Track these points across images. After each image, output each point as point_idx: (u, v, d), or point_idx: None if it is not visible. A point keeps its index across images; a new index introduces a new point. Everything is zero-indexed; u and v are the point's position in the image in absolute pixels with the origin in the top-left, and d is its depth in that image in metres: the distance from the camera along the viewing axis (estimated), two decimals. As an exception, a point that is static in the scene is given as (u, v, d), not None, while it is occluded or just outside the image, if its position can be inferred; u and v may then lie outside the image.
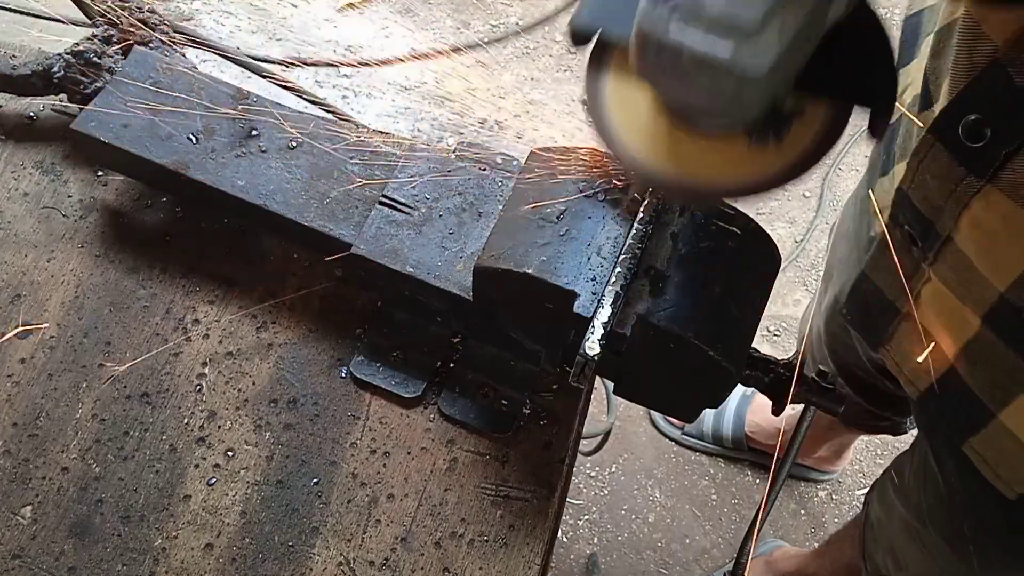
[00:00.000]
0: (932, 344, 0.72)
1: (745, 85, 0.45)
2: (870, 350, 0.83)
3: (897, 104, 0.77)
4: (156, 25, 0.88)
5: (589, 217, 0.68)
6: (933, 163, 0.65)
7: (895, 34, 0.57)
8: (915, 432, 1.02)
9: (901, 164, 0.72)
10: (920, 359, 0.73)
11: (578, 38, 0.56)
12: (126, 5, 0.87)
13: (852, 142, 2.13)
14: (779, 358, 0.73)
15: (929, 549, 0.90)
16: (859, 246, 0.93)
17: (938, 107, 0.65)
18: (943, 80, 0.64)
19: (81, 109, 0.82)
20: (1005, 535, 0.78)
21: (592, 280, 0.65)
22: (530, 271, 0.65)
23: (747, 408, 1.77)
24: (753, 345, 0.69)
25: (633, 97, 0.57)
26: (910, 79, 0.76)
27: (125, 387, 0.79)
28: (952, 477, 0.81)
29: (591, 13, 0.56)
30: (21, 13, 0.92)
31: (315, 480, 0.77)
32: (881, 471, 1.82)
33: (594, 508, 1.75)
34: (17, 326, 0.81)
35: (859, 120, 0.54)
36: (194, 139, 0.81)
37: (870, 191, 0.82)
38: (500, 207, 0.76)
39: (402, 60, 1.05)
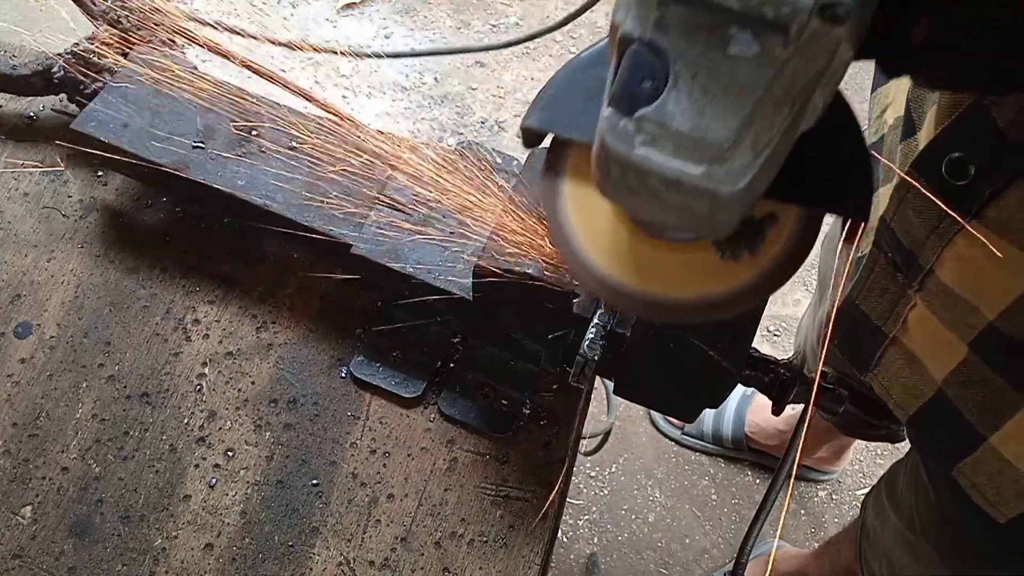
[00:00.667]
0: (919, 369, 0.72)
1: (718, 205, 0.41)
2: (858, 374, 0.82)
3: (879, 125, 0.76)
4: (156, 25, 0.88)
5: None
6: (916, 199, 0.64)
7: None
8: (912, 439, 1.02)
9: (885, 187, 0.72)
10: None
11: (530, 139, 0.52)
12: (126, 5, 0.87)
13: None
14: (779, 358, 0.73)
15: (922, 559, 0.90)
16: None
17: (921, 135, 0.64)
18: (927, 109, 0.64)
19: (81, 109, 0.82)
20: (996, 555, 0.78)
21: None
22: (530, 271, 0.65)
23: (747, 408, 1.77)
24: (753, 345, 0.69)
25: (593, 201, 0.52)
26: (890, 98, 0.75)
27: (125, 387, 0.79)
28: (943, 495, 0.81)
29: (545, 112, 0.51)
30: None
31: (315, 480, 0.77)
32: (881, 471, 1.82)
33: (594, 508, 1.75)
34: (17, 326, 0.81)
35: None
36: (194, 139, 0.81)
37: None
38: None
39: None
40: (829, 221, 2.08)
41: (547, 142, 0.53)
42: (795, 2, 0.35)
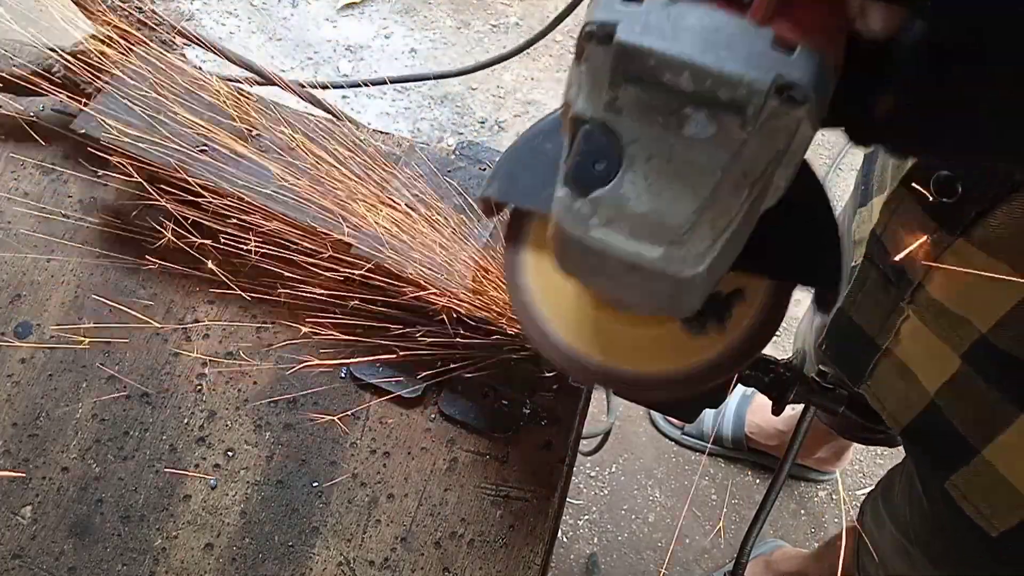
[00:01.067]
0: (912, 378, 0.72)
1: (679, 287, 0.40)
2: (851, 386, 0.82)
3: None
4: (156, 25, 0.88)
5: None
6: (905, 215, 0.65)
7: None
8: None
9: (879, 198, 0.72)
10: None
11: (489, 209, 0.51)
12: (126, 5, 0.87)
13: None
14: (779, 358, 0.73)
15: (916, 567, 0.90)
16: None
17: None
18: None
19: (81, 109, 0.82)
20: (989, 566, 0.78)
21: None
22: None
23: (747, 408, 1.77)
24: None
25: (554, 274, 0.49)
26: None
27: (125, 387, 0.79)
28: (937, 506, 0.80)
29: (504, 182, 0.50)
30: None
31: (315, 480, 0.77)
32: (881, 471, 1.82)
33: (594, 508, 1.75)
34: (17, 326, 0.81)
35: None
36: (194, 139, 0.81)
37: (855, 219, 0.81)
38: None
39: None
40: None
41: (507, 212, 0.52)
42: (750, 84, 0.34)
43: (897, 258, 0.66)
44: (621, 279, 0.40)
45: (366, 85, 0.92)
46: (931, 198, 0.61)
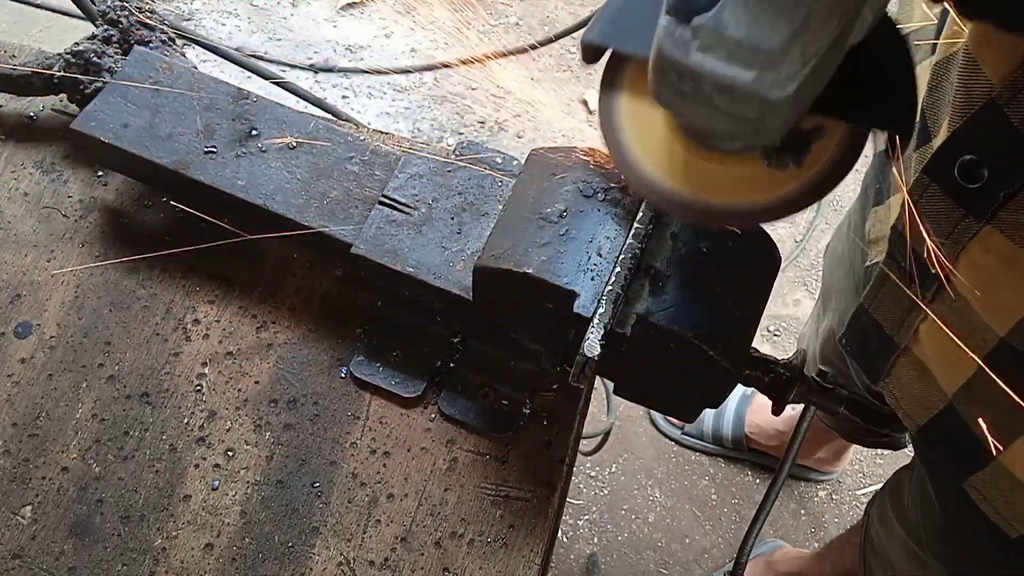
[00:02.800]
0: (928, 378, 0.72)
1: (767, 111, 0.43)
2: (869, 383, 0.82)
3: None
4: (156, 25, 0.88)
5: (589, 217, 0.68)
6: (929, 204, 0.64)
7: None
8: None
9: (896, 196, 0.71)
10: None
11: (590, 54, 0.54)
12: (126, 5, 0.87)
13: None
14: (779, 358, 0.73)
15: (928, 571, 0.90)
16: (854, 273, 0.92)
17: (936, 142, 0.64)
18: (942, 117, 0.63)
19: (81, 109, 0.82)
20: (1006, 571, 0.78)
21: (592, 280, 0.65)
22: (530, 271, 0.65)
23: (747, 408, 1.77)
24: (753, 345, 0.69)
25: (647, 115, 0.55)
26: None
27: (125, 387, 0.79)
28: (950, 508, 0.80)
29: (605, 27, 0.54)
30: (25, 3, 0.92)
31: (315, 480, 0.77)
32: (882, 471, 1.82)
33: (594, 508, 1.75)
34: (17, 326, 0.81)
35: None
36: (194, 139, 0.81)
37: (866, 219, 0.81)
38: (500, 207, 0.76)
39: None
40: (828, 218, 2.07)
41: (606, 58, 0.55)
42: None
43: (922, 251, 0.66)
44: (714, 103, 0.44)
45: (372, 73, 0.92)
46: (957, 183, 0.60)
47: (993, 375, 0.63)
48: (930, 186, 0.63)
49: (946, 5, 0.52)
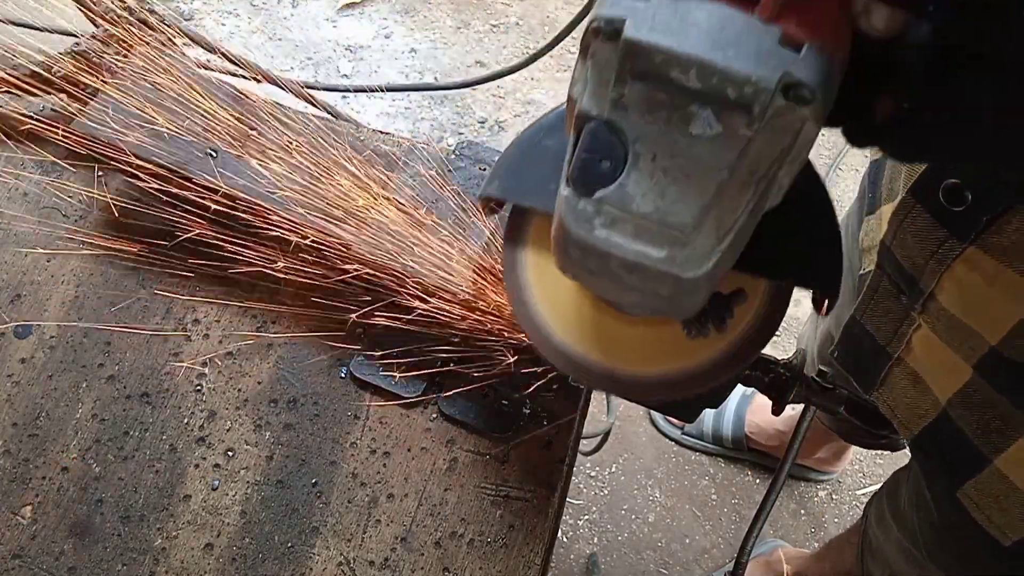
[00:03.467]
0: (924, 387, 0.72)
1: (681, 289, 0.40)
2: (863, 393, 0.82)
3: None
4: (156, 25, 0.88)
5: None
6: (914, 224, 0.64)
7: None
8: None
9: (887, 206, 0.71)
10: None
11: (490, 208, 0.51)
12: (126, 5, 0.87)
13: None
14: (779, 358, 0.73)
15: (925, 572, 0.90)
16: (852, 277, 0.92)
17: (924, 165, 0.64)
18: None
19: (81, 109, 0.82)
20: (1000, 572, 0.78)
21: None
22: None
23: (747, 408, 1.77)
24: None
25: (555, 272, 0.49)
26: None
27: (125, 387, 0.79)
28: (947, 513, 0.80)
29: (505, 180, 0.50)
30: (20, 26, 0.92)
31: (315, 480, 0.77)
32: (881, 471, 1.82)
33: (594, 508, 1.75)
34: (17, 326, 0.81)
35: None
36: (194, 139, 0.81)
37: (860, 226, 0.81)
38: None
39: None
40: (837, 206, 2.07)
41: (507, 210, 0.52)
42: (757, 82, 0.34)
43: (907, 268, 0.66)
44: (623, 280, 0.40)
45: (368, 91, 0.92)
46: (941, 205, 0.60)
47: (985, 382, 0.63)
48: (915, 207, 0.63)
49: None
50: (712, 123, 0.36)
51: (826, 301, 0.48)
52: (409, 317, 0.76)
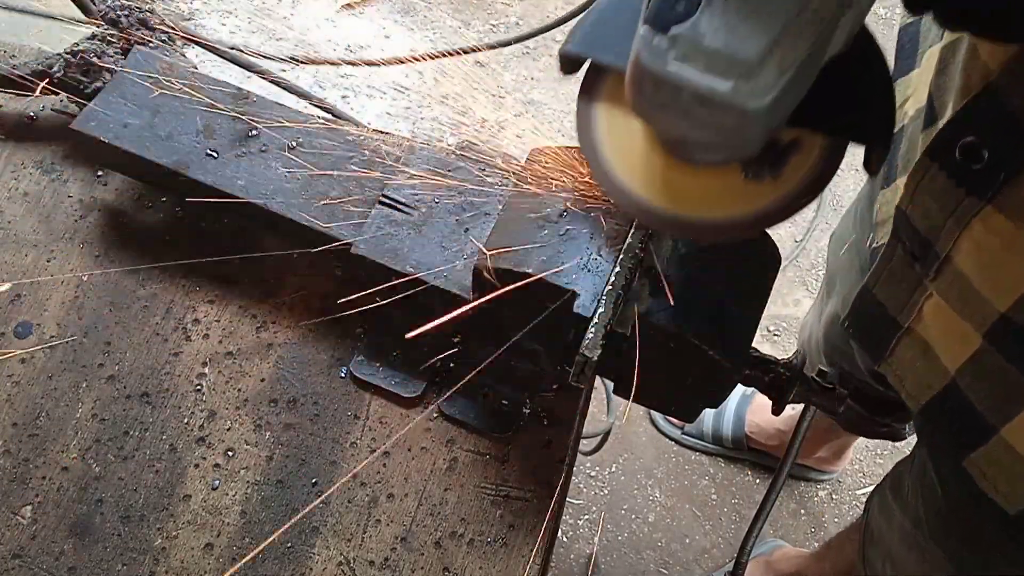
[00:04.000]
0: (934, 357, 0.72)
1: (745, 121, 0.43)
2: (871, 363, 0.82)
3: (899, 116, 0.77)
4: (156, 25, 0.88)
5: (590, 216, 0.68)
6: (931, 184, 0.64)
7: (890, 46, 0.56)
8: (914, 437, 1.02)
9: (903, 178, 0.71)
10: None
11: (568, 65, 0.54)
12: (126, 5, 0.87)
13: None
14: (779, 358, 0.73)
15: (927, 558, 0.90)
16: (860, 256, 0.92)
17: (942, 124, 0.64)
18: (948, 99, 0.64)
19: (81, 109, 0.82)
20: (1005, 549, 0.78)
21: (592, 280, 0.65)
22: (530, 271, 0.65)
23: (747, 408, 1.77)
24: (753, 345, 0.69)
25: (626, 127, 0.55)
26: (912, 89, 0.75)
27: (125, 387, 0.79)
28: (952, 490, 0.80)
29: (583, 39, 0.53)
30: (23, 12, 0.92)
31: (315, 480, 0.77)
32: (881, 471, 1.82)
33: (594, 508, 1.75)
34: (17, 326, 0.81)
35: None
36: (194, 139, 0.81)
37: (874, 202, 0.81)
38: (500, 207, 0.76)
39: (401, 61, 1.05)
40: (834, 209, 2.07)
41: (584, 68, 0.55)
42: None
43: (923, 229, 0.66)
44: (691, 114, 0.44)
45: (370, 65, 0.92)
46: (958, 164, 0.61)
47: (995, 350, 0.64)
48: (932, 166, 0.64)
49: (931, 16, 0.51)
50: None
51: (875, 157, 0.51)
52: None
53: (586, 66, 0.55)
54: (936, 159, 0.63)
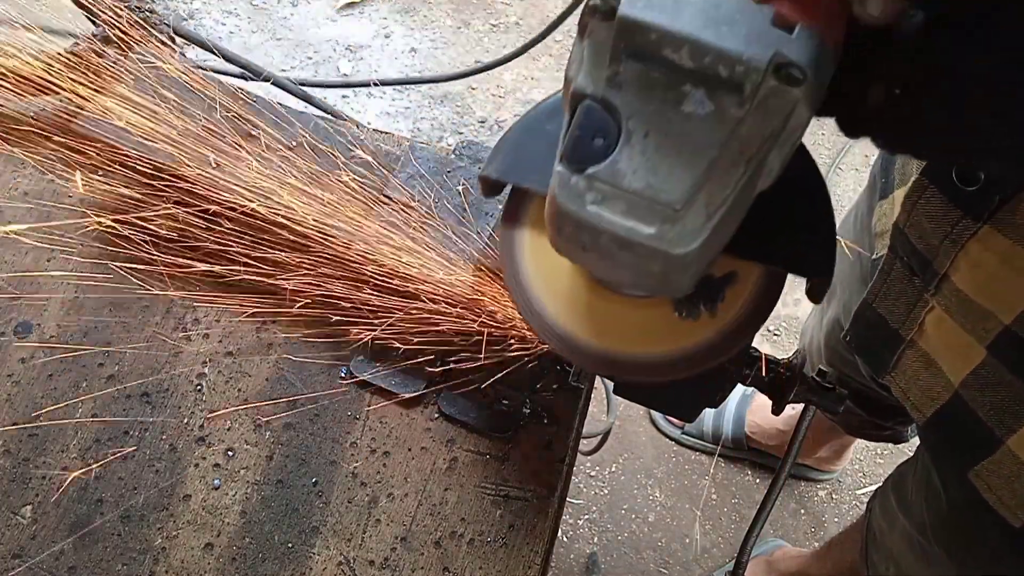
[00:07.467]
0: (937, 370, 0.72)
1: (671, 267, 0.40)
2: (875, 376, 0.82)
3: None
4: (156, 25, 0.88)
5: None
6: (928, 205, 0.64)
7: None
8: (917, 440, 1.01)
9: (900, 190, 0.71)
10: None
11: (488, 189, 0.51)
12: (126, 5, 0.87)
13: (852, 142, 2.13)
14: (779, 358, 0.73)
15: (931, 561, 0.90)
16: (861, 266, 0.92)
17: None
18: None
19: (81, 109, 0.82)
20: (1009, 559, 0.78)
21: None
22: None
23: (747, 408, 1.77)
24: (753, 345, 0.69)
25: (551, 253, 0.49)
26: None
27: (125, 387, 0.79)
28: (956, 498, 0.80)
29: (504, 161, 0.50)
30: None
31: (315, 480, 0.77)
32: (881, 471, 1.82)
33: (594, 508, 1.75)
34: (17, 326, 0.81)
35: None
36: (195, 139, 0.81)
37: (872, 209, 0.81)
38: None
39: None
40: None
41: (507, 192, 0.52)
42: (748, 61, 0.34)
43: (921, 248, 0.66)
44: (615, 256, 0.40)
45: (368, 85, 0.93)
46: (955, 186, 0.60)
47: (999, 362, 0.63)
48: (928, 187, 0.64)
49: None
50: (704, 102, 0.36)
51: (817, 286, 0.48)
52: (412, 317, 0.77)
53: (507, 190, 0.52)
54: (932, 180, 0.63)
